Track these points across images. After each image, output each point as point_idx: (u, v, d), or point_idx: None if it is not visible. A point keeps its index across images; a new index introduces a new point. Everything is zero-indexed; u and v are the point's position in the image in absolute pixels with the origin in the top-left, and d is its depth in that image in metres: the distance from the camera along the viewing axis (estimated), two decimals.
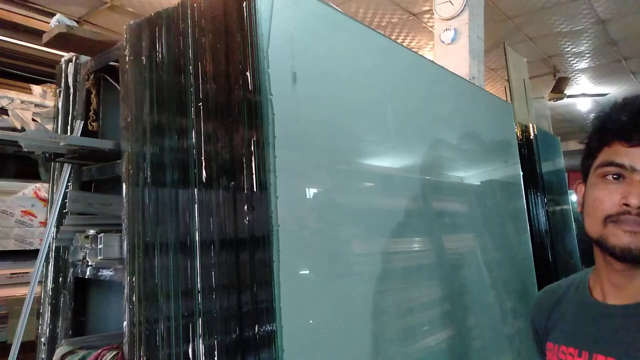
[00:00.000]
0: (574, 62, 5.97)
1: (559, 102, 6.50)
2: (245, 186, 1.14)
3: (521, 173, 2.88)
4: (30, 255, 2.61)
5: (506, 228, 2.66)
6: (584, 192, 0.82)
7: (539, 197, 3.19)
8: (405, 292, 1.72)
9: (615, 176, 0.75)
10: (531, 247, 2.82)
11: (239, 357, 1.12)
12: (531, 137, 3.20)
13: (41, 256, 1.55)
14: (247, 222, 1.13)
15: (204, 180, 1.22)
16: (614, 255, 0.75)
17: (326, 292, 1.31)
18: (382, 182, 1.68)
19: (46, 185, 2.67)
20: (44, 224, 2.62)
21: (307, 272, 1.25)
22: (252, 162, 1.13)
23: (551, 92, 6.12)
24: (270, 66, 1.15)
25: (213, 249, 1.19)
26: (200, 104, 1.23)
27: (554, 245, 3.15)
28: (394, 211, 1.68)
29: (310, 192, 1.32)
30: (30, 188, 2.66)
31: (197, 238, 1.21)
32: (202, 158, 1.23)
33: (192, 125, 1.25)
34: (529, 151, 3.20)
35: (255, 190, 1.12)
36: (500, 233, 2.54)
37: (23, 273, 2.56)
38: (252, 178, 1.13)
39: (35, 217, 2.65)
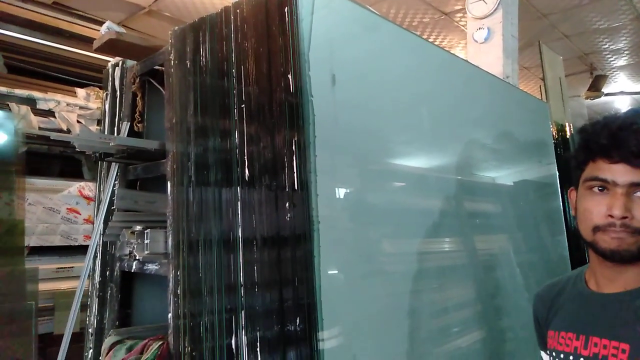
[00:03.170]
0: (611, 59, 5.80)
1: (596, 100, 6.32)
2: (287, 185, 1.18)
3: (557, 173, 2.83)
4: (74, 250, 2.73)
5: (541, 229, 2.62)
6: (575, 199, 0.93)
7: None
8: (440, 292, 1.73)
9: (600, 188, 0.86)
10: (567, 249, 2.77)
11: (280, 351, 1.16)
12: (567, 137, 3.14)
13: (91, 251, 1.63)
14: (288, 219, 1.17)
15: (246, 179, 1.27)
16: (605, 257, 0.86)
17: (364, 288, 1.34)
18: (418, 182, 1.69)
19: (90, 184, 2.79)
20: (88, 220, 2.74)
21: (346, 268, 1.28)
22: (293, 162, 1.16)
23: (588, 90, 5.96)
24: (310, 69, 1.18)
25: (255, 245, 1.23)
26: (243, 105, 1.28)
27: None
28: (429, 211, 1.69)
29: (349, 191, 1.35)
30: (75, 187, 2.78)
31: (240, 234, 1.26)
32: (245, 158, 1.27)
33: (235, 126, 1.30)
34: (564, 150, 3.14)
35: (296, 188, 1.16)
36: (535, 234, 2.51)
37: (68, 268, 2.68)
38: (293, 177, 1.17)
39: (80, 214, 2.77)
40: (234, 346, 1.23)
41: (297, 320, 1.13)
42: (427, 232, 1.64)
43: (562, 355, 0.91)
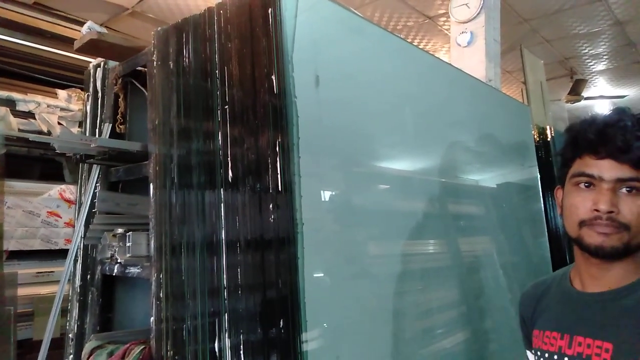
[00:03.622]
0: (591, 64, 5.92)
1: (577, 104, 6.44)
2: (271, 187, 1.17)
3: (539, 176, 2.87)
4: (55, 254, 2.68)
5: (523, 231, 2.66)
6: (562, 198, 0.93)
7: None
8: (424, 294, 1.74)
9: (586, 184, 0.86)
10: (549, 251, 2.81)
11: (263, 354, 1.15)
12: (548, 139, 3.19)
13: (71, 254, 1.61)
14: (272, 221, 1.16)
15: (230, 180, 1.26)
16: (590, 252, 0.86)
17: (348, 290, 1.34)
18: (401, 183, 1.70)
19: (71, 186, 2.74)
20: (69, 224, 2.69)
21: (330, 270, 1.28)
22: (277, 164, 1.16)
23: (568, 94, 6.07)
24: (294, 70, 1.18)
25: (239, 247, 1.22)
26: (227, 107, 1.27)
27: (572, 247, 3.12)
28: (413, 213, 1.70)
29: (333, 193, 1.35)
30: (55, 189, 2.73)
31: (223, 237, 1.25)
32: (228, 159, 1.27)
33: (218, 128, 1.29)
34: (546, 153, 3.19)
35: (280, 190, 1.16)
36: (517, 236, 2.54)
37: (48, 272, 2.63)
38: (277, 179, 1.17)
39: (61, 217, 2.72)
40: (217, 350, 1.22)
41: (281, 323, 1.13)
42: (411, 234, 1.65)
43: (546, 355, 0.92)
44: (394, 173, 1.68)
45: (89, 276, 1.68)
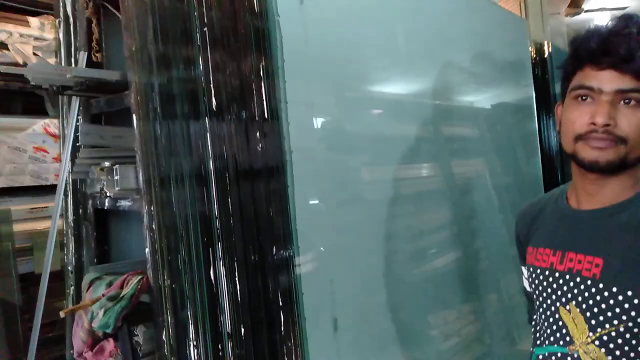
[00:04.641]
0: None
1: (576, 17, 6.19)
2: (256, 113, 1.13)
3: (534, 95, 2.82)
4: (47, 190, 2.66)
5: (516, 152, 2.65)
6: (561, 113, 0.91)
7: (551, 119, 3.12)
8: (415, 217, 1.76)
9: (585, 97, 0.83)
10: (541, 170, 2.82)
11: (258, 278, 1.18)
12: (545, 56, 3.09)
13: (60, 189, 1.58)
14: (260, 149, 1.14)
15: (214, 108, 1.21)
16: (585, 168, 0.85)
17: (339, 215, 1.34)
18: (393, 106, 1.66)
19: (55, 120, 2.67)
20: (57, 159, 2.65)
21: (321, 197, 1.27)
22: (261, 89, 1.11)
23: (568, 6, 5.81)
24: None
25: (228, 176, 1.20)
26: (205, 29, 1.19)
27: (564, 167, 3.14)
28: (405, 137, 1.67)
29: (320, 119, 1.31)
30: (39, 124, 2.66)
31: (211, 166, 1.22)
32: (211, 86, 1.21)
33: (199, 53, 1.22)
34: (542, 71, 3.10)
35: (266, 117, 1.12)
36: (510, 157, 2.54)
37: (42, 207, 2.62)
38: (263, 104, 1.12)
39: (48, 152, 2.67)
40: (212, 277, 1.24)
41: (274, 249, 1.14)
42: (402, 157, 1.63)
43: (538, 271, 0.93)
44: (385, 95, 1.62)
45: (81, 210, 1.67)
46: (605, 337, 0.80)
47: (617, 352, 0.79)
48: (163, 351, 1.31)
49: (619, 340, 0.79)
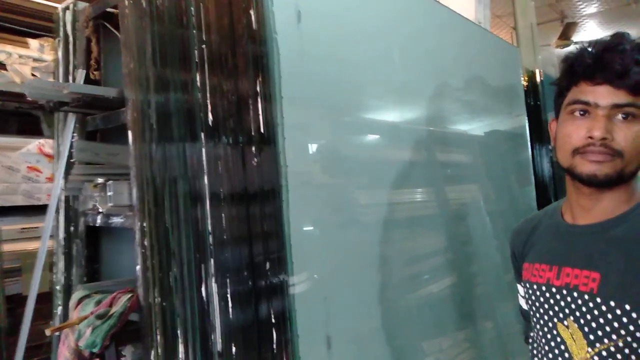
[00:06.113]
0: (582, 6, 5.80)
1: (566, 49, 6.35)
2: (253, 129, 1.13)
3: (527, 124, 2.85)
4: (39, 210, 2.63)
5: (510, 180, 2.66)
6: (555, 129, 0.91)
7: (544, 147, 3.15)
8: (410, 242, 1.75)
9: (581, 112, 0.84)
10: (535, 200, 2.83)
11: (252, 297, 1.15)
12: (537, 83, 3.14)
13: (52, 206, 1.57)
14: (255, 167, 1.13)
15: (210, 125, 1.21)
16: (582, 182, 0.84)
17: (334, 236, 1.33)
18: (388, 129, 1.67)
19: (50, 141, 2.66)
20: (51, 179, 2.64)
21: (317, 213, 1.27)
22: (258, 103, 1.12)
23: (558, 38, 5.98)
24: (274, 4, 1.12)
25: (222, 192, 1.20)
26: (204, 46, 1.21)
27: (558, 194, 3.16)
28: (399, 161, 1.68)
29: (319, 142, 1.32)
30: (34, 144, 2.66)
31: (206, 182, 1.22)
32: (208, 103, 1.21)
33: (196, 69, 1.23)
34: (535, 99, 3.15)
35: (262, 132, 1.12)
36: (504, 185, 2.55)
37: (33, 228, 2.60)
38: (259, 120, 1.13)
39: (42, 172, 2.66)
40: (204, 294, 1.22)
41: (267, 265, 1.12)
42: (396, 181, 1.63)
43: (535, 287, 0.93)
44: (380, 117, 1.64)
45: (72, 228, 1.65)
46: (604, 353, 0.79)
47: None
48: None
49: (618, 356, 0.78)
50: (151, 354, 1.29)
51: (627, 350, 0.77)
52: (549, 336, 0.89)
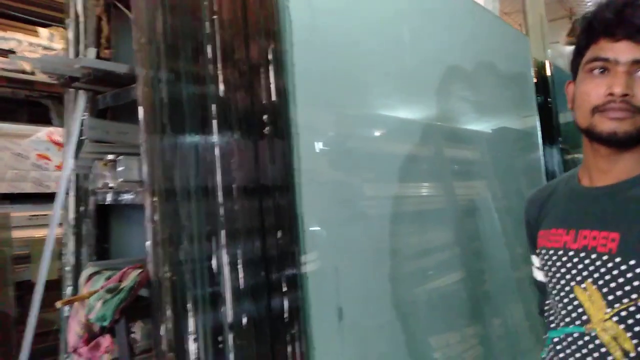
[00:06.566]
0: (590, 3, 5.76)
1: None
2: (264, 99, 1.13)
3: (537, 117, 2.83)
4: (48, 198, 2.65)
5: (520, 178, 2.64)
6: (573, 91, 0.90)
7: (554, 146, 3.12)
8: (421, 237, 1.74)
9: (601, 70, 0.82)
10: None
11: (262, 267, 1.15)
12: (547, 75, 3.13)
13: (62, 185, 1.57)
14: (266, 133, 1.13)
15: (222, 98, 1.21)
16: (601, 141, 0.83)
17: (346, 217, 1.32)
18: (396, 120, 1.66)
19: (60, 129, 2.68)
20: (60, 167, 2.65)
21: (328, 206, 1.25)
22: (269, 71, 1.11)
23: (567, 35, 5.95)
24: None
25: (233, 165, 1.19)
26: (215, 16, 1.20)
27: None
28: (407, 156, 1.67)
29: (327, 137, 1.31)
30: (43, 132, 2.67)
31: (217, 154, 1.21)
32: (219, 75, 1.21)
33: (208, 43, 1.23)
34: (544, 92, 3.13)
35: (274, 99, 1.11)
36: (514, 183, 2.52)
37: (42, 215, 2.60)
38: (270, 91, 1.12)
39: (51, 160, 2.67)
40: (215, 267, 1.21)
41: (278, 236, 1.11)
42: (403, 176, 1.62)
43: (551, 252, 0.91)
44: (391, 110, 1.63)
45: (82, 207, 1.65)
46: (623, 313, 0.77)
47: (637, 328, 0.76)
48: (161, 347, 1.26)
49: (638, 316, 0.76)
50: (161, 329, 1.28)
51: None
52: (565, 300, 0.87)
